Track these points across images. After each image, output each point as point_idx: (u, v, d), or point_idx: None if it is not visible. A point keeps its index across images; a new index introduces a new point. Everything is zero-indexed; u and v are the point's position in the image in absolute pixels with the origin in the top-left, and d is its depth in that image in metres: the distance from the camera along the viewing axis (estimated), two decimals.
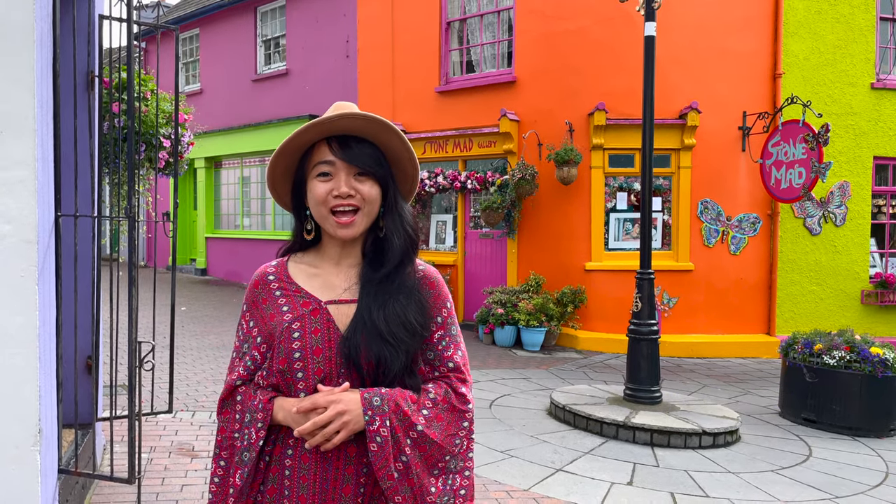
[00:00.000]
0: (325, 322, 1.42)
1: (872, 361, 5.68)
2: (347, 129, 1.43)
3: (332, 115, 1.41)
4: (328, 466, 1.38)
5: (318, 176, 1.44)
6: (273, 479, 1.42)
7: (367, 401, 1.35)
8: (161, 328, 7.23)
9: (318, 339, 1.40)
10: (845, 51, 9.50)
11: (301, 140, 1.44)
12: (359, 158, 1.42)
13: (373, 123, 1.43)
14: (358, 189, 1.42)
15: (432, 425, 1.40)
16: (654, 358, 5.88)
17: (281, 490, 1.40)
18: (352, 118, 1.41)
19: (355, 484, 1.39)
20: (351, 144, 1.43)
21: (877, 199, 9.88)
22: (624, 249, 9.41)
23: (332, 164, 1.43)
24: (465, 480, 1.47)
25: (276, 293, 1.48)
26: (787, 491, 4.46)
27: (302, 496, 1.38)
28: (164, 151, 4.38)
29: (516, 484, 4.40)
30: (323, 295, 1.46)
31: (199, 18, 16.72)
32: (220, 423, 1.49)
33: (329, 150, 1.43)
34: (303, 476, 1.39)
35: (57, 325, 2.86)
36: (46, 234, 2.66)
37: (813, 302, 9.56)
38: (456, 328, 1.53)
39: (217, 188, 17.29)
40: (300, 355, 1.38)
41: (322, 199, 1.43)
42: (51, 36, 2.73)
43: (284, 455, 1.41)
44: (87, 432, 3.77)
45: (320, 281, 1.48)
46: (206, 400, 6.03)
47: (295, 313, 1.43)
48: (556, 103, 9.53)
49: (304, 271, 1.51)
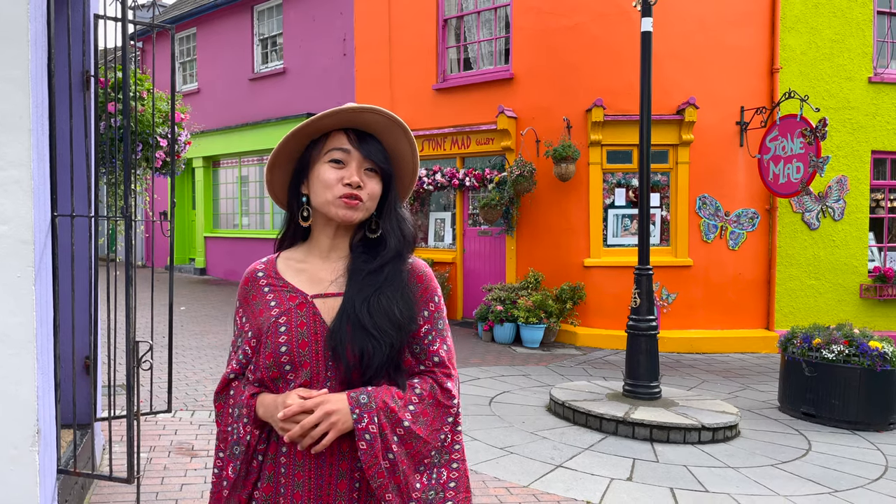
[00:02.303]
0: (311, 316, 1.42)
1: (871, 355, 5.69)
2: (367, 123, 1.46)
3: (356, 106, 1.43)
4: (322, 463, 1.39)
5: (330, 161, 1.45)
6: (269, 476, 1.43)
7: (354, 399, 1.35)
8: (160, 328, 7.23)
9: (304, 333, 1.40)
10: (842, 45, 9.50)
11: (320, 124, 1.46)
12: (373, 153, 1.46)
13: (392, 124, 1.46)
14: (365, 183, 1.45)
15: (418, 421, 1.41)
16: (653, 354, 5.89)
17: (276, 488, 1.41)
18: (374, 113, 1.44)
19: (350, 479, 1.39)
20: (366, 139, 1.46)
21: (875, 193, 9.89)
22: (622, 245, 9.41)
23: (347, 153, 1.45)
24: (454, 472, 1.46)
25: (264, 289, 1.49)
26: (786, 485, 4.46)
27: (297, 493, 1.39)
28: (161, 151, 4.37)
29: (516, 480, 4.40)
30: (309, 289, 1.47)
31: (195, 18, 16.69)
32: (217, 416, 1.53)
33: (346, 139, 1.45)
34: (297, 473, 1.39)
35: (54, 326, 2.86)
36: (43, 234, 2.65)
37: (812, 296, 9.57)
38: (443, 322, 1.53)
39: (215, 187, 17.28)
40: (287, 349, 1.39)
41: (331, 183, 1.44)
42: (45, 35, 2.73)
43: (279, 453, 1.42)
44: (86, 432, 3.76)
45: (307, 275, 1.49)
46: (205, 399, 6.03)
47: (282, 308, 1.44)
48: (554, 100, 9.53)
49: (292, 266, 1.52)
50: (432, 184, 10.65)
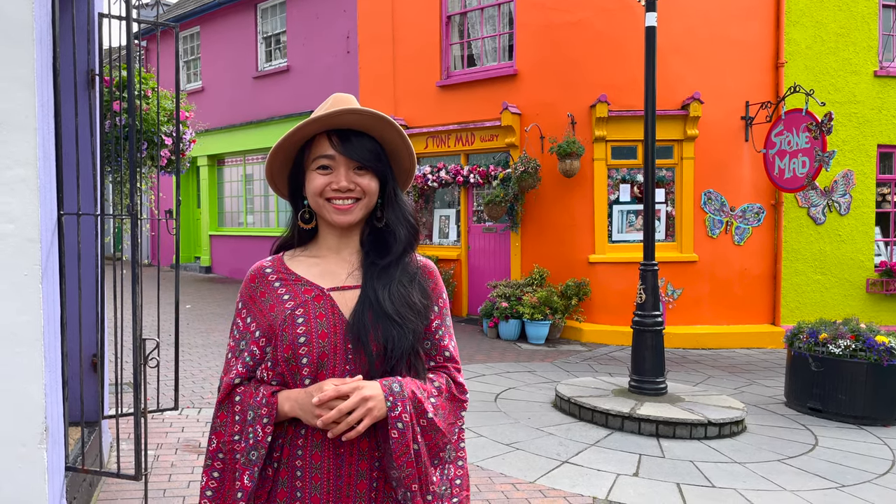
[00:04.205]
0: (329, 307, 1.42)
1: (878, 350, 5.67)
2: (348, 123, 1.45)
3: (334, 111, 1.41)
4: (341, 463, 1.37)
5: (317, 168, 1.45)
6: (283, 482, 1.39)
7: (388, 387, 1.35)
8: (166, 325, 7.26)
9: (323, 324, 1.39)
10: (848, 39, 9.45)
11: (302, 134, 1.45)
12: (358, 153, 1.44)
13: (374, 119, 1.44)
14: (357, 182, 1.44)
15: (438, 413, 1.42)
16: (659, 349, 5.88)
17: (292, 493, 1.38)
18: (353, 114, 1.42)
19: (369, 479, 1.39)
20: (351, 139, 1.44)
21: (881, 188, 9.84)
22: (628, 241, 9.40)
23: (332, 158, 1.44)
24: (460, 470, 1.49)
25: (274, 284, 1.47)
26: (793, 480, 4.46)
27: (315, 496, 1.37)
28: (166, 149, 4.38)
29: (522, 476, 4.41)
30: (325, 282, 1.46)
31: (199, 16, 16.71)
32: (216, 428, 1.45)
33: (329, 145, 1.44)
34: (315, 476, 1.37)
35: (62, 324, 2.87)
36: (49, 232, 2.66)
37: (818, 291, 9.54)
38: (450, 319, 1.56)
39: (220, 186, 17.32)
40: (305, 340, 1.38)
41: (320, 190, 1.44)
42: (50, 34, 2.74)
43: (294, 456, 1.39)
44: (94, 430, 3.78)
45: (320, 269, 1.49)
46: (211, 396, 6.05)
47: (297, 300, 1.43)
48: (558, 96, 9.51)
49: (302, 262, 1.51)
50: (436, 181, 10.64)
